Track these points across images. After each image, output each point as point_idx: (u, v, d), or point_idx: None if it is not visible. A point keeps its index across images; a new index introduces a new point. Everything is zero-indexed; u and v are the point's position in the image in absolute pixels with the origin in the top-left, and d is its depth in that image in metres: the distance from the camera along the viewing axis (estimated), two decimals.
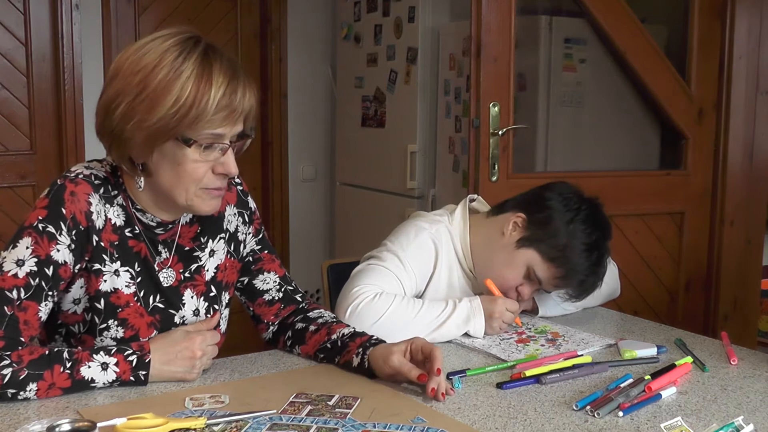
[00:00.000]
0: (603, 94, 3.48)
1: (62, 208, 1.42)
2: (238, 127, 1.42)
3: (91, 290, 1.47)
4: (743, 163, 3.37)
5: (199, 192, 1.44)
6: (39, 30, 3.73)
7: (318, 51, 4.73)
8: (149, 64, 1.37)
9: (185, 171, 1.41)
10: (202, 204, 1.46)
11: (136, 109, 1.37)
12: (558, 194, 1.88)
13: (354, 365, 1.53)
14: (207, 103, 1.36)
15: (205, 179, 1.43)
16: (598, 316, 2.05)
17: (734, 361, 1.67)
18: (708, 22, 3.31)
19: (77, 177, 1.45)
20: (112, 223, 1.48)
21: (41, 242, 1.40)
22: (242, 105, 1.40)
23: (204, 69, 1.37)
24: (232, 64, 1.41)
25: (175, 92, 1.35)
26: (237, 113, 1.40)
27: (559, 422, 1.34)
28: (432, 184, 3.92)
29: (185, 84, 1.35)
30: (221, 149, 1.41)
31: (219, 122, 1.38)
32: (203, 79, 1.36)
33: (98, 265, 1.47)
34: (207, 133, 1.39)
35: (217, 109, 1.37)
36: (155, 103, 1.36)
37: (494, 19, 2.92)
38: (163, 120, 1.36)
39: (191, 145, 1.39)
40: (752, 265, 3.46)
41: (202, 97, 1.36)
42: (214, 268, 1.61)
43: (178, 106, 1.35)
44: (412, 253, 1.88)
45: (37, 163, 3.77)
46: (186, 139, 1.38)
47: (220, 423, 1.28)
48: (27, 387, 1.35)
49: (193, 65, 1.37)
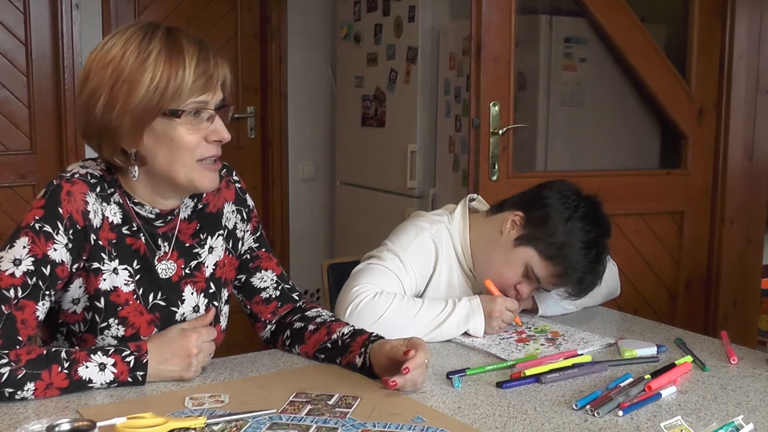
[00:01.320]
0: (603, 93, 3.48)
1: (59, 208, 1.42)
2: (218, 95, 1.46)
3: (90, 289, 1.47)
4: (743, 163, 3.37)
5: (197, 165, 1.45)
6: (39, 29, 3.73)
7: (318, 50, 4.73)
8: (116, 55, 1.40)
9: (179, 145, 1.43)
10: (201, 179, 1.47)
11: (116, 97, 1.39)
12: (556, 192, 1.88)
13: (358, 366, 1.53)
14: (183, 72, 1.40)
15: (200, 149, 1.45)
16: (598, 315, 2.05)
17: (734, 361, 1.66)
18: (708, 21, 3.31)
19: (73, 176, 1.46)
20: (110, 221, 1.48)
21: (38, 242, 1.40)
22: (217, 72, 1.44)
23: (172, 44, 1.41)
24: (197, 38, 1.45)
25: (149, 71, 1.39)
26: (215, 79, 1.44)
27: (558, 421, 1.34)
28: (432, 184, 3.92)
29: (157, 60, 1.39)
30: (209, 117, 1.44)
31: (200, 89, 1.41)
32: (173, 52, 1.40)
33: (97, 263, 1.47)
34: (191, 101, 1.42)
35: (195, 76, 1.40)
36: (134, 86, 1.39)
37: (494, 18, 2.92)
38: (145, 98, 1.39)
39: (180, 115, 1.41)
40: (752, 264, 3.46)
41: (177, 68, 1.39)
42: (213, 264, 1.61)
43: (156, 82, 1.39)
44: (413, 253, 1.88)
45: (37, 162, 3.77)
46: (173, 110, 1.41)
47: (220, 422, 1.28)
48: (24, 386, 1.35)
49: (159, 43, 1.41)
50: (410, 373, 1.41)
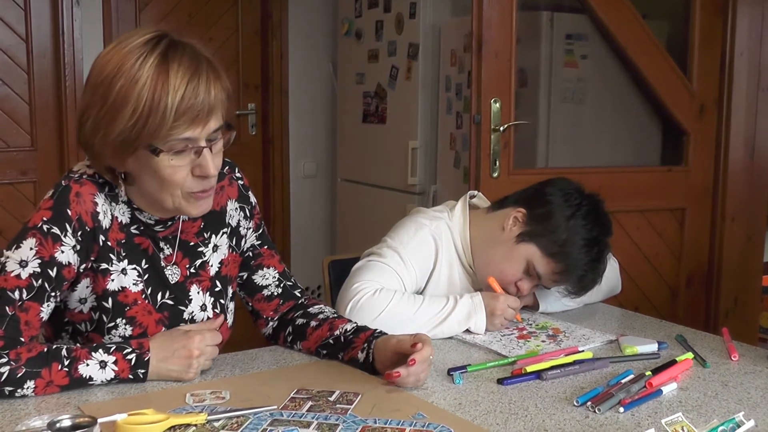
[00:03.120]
0: (604, 90, 3.48)
1: (67, 209, 1.41)
2: (210, 125, 1.38)
3: (98, 290, 1.47)
4: (744, 160, 3.37)
5: (186, 195, 1.42)
6: (40, 26, 3.73)
7: (319, 47, 4.73)
8: (109, 74, 1.34)
9: (163, 178, 1.39)
10: (190, 207, 1.44)
11: (99, 123, 1.36)
12: (559, 190, 1.88)
13: (360, 361, 1.53)
14: (165, 110, 1.32)
15: (187, 183, 1.40)
16: (599, 312, 2.05)
17: (735, 357, 1.66)
18: (709, 18, 3.31)
19: (81, 177, 1.45)
20: (119, 221, 1.48)
21: (45, 243, 1.40)
22: (206, 103, 1.35)
23: (159, 74, 1.33)
24: (193, 62, 1.36)
25: (132, 103, 1.32)
26: (203, 114, 1.35)
27: (559, 418, 1.34)
28: (433, 181, 3.92)
29: (141, 92, 1.32)
30: (195, 151, 1.38)
31: (184, 126, 1.34)
32: (159, 84, 1.32)
33: (105, 264, 1.46)
34: (175, 138, 1.35)
35: (177, 114, 1.33)
36: (114, 116, 1.34)
37: (495, 14, 2.91)
38: (123, 133, 1.34)
39: (158, 153, 1.36)
40: (753, 261, 3.46)
41: (158, 104, 1.32)
42: (218, 263, 1.61)
43: (136, 118, 1.32)
44: (413, 250, 1.87)
45: (38, 159, 3.77)
46: (153, 148, 1.35)
47: (221, 419, 1.28)
48: (24, 384, 1.35)
49: (148, 71, 1.33)
50: (415, 367, 1.41)
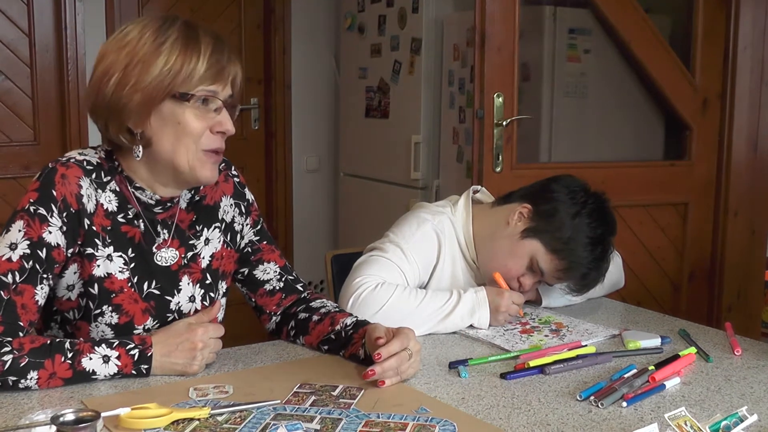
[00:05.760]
0: (607, 84, 3.48)
1: (53, 190, 1.43)
2: (228, 89, 1.49)
3: (84, 275, 1.48)
4: (747, 154, 3.36)
5: (200, 153, 1.47)
6: (42, 21, 3.73)
7: (322, 42, 4.72)
8: (133, 38, 1.44)
9: (185, 129, 1.45)
10: (202, 168, 1.49)
11: (128, 75, 1.42)
12: (565, 187, 1.88)
13: (361, 358, 1.53)
14: (197, 59, 1.43)
15: (204, 138, 1.47)
16: (602, 306, 2.05)
17: (738, 352, 1.66)
18: (712, 12, 3.30)
19: (69, 161, 1.47)
20: (104, 208, 1.49)
21: (33, 224, 1.41)
22: (230, 66, 1.48)
23: (188, 33, 1.45)
24: (215, 33, 1.49)
25: (164, 54, 1.42)
26: (227, 72, 1.47)
27: (562, 412, 1.34)
28: (436, 175, 3.91)
29: (173, 46, 1.43)
30: (216, 108, 1.47)
31: (211, 78, 1.45)
32: (189, 40, 1.44)
33: (91, 249, 1.47)
34: (201, 88, 1.44)
35: (208, 65, 1.44)
36: (147, 66, 1.42)
37: (498, 9, 2.91)
38: (157, 79, 1.42)
39: (189, 99, 1.44)
40: (756, 255, 3.46)
41: (191, 55, 1.43)
42: (209, 256, 1.61)
43: (170, 65, 1.42)
44: (415, 244, 1.87)
45: (41, 153, 3.77)
46: (183, 94, 1.43)
47: (224, 413, 1.28)
48: (28, 375, 1.35)
49: (176, 31, 1.45)
50: (389, 362, 1.40)
